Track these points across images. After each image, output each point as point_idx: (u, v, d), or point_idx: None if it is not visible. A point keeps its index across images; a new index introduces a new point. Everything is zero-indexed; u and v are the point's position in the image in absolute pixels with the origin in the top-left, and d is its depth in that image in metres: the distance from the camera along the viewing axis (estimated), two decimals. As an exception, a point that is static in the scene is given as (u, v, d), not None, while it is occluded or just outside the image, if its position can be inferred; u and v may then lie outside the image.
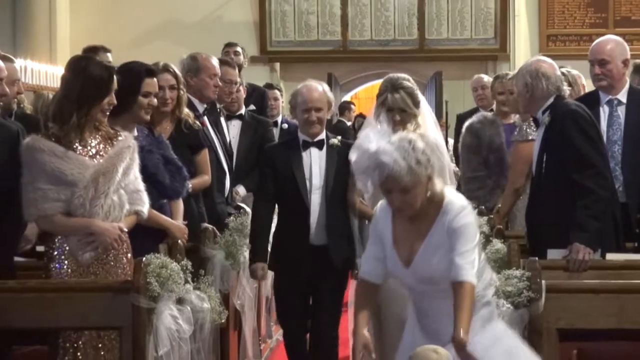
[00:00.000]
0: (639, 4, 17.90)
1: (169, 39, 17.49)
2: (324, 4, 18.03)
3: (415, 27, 18.00)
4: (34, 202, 5.27)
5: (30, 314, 5.02)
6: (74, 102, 5.32)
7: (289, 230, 6.51)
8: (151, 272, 4.98)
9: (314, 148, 6.54)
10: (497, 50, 17.94)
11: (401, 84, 6.32)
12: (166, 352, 5.10)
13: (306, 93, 6.49)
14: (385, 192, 4.62)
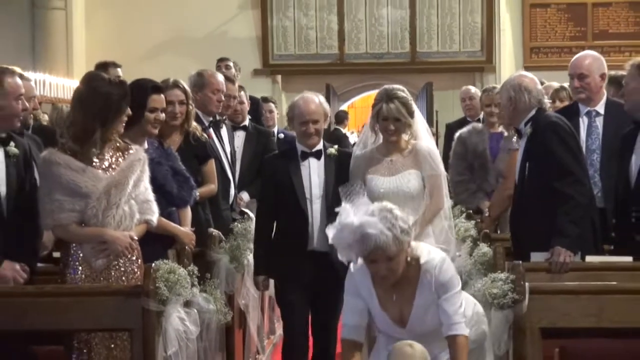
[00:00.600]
0: (615, 18, 17.94)
1: (178, 53, 17.50)
2: (322, 20, 18.03)
3: (407, 41, 18.00)
4: (50, 212, 5.27)
5: (47, 316, 5.01)
6: (96, 122, 5.31)
7: (291, 238, 6.30)
8: (160, 277, 4.97)
9: (312, 158, 6.33)
10: (483, 62, 17.92)
11: (396, 94, 6.14)
12: (174, 352, 5.09)
13: (303, 105, 6.29)
14: (369, 262, 4.58)
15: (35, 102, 6.75)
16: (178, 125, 6.60)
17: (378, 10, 18.03)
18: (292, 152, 6.44)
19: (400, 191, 6.00)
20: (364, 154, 6.28)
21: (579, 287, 5.16)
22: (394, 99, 6.08)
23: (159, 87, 6.12)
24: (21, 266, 5.33)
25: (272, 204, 6.40)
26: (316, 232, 6.20)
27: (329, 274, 6.02)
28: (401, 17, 18.00)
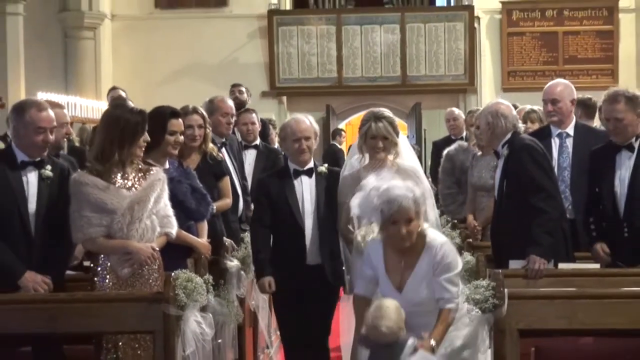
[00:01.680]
0: (583, 45, 17.94)
1: (193, 77, 17.52)
2: (322, 47, 18.04)
3: (398, 66, 17.99)
4: (80, 227, 5.27)
5: (78, 320, 5.01)
6: (115, 144, 5.33)
7: (286, 252, 6.07)
8: (179, 285, 4.97)
9: (304, 176, 6.12)
10: (466, 85, 17.93)
11: (383, 114, 6.00)
12: (192, 351, 5.10)
13: (295, 125, 6.11)
14: (391, 224, 4.73)
15: (68, 128, 6.74)
16: (197, 146, 6.61)
17: (372, 39, 18.04)
18: (285, 171, 6.25)
19: None
20: (352, 174, 6.05)
21: (553, 293, 5.16)
22: (382, 119, 5.92)
23: (176, 112, 6.12)
24: (42, 278, 5.29)
25: (267, 220, 6.12)
26: (309, 245, 6.03)
27: (321, 285, 5.97)
28: (392, 45, 18.01)
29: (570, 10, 18.07)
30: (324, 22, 18.27)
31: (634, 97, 6.06)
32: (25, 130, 5.44)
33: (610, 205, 6.01)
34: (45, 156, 5.55)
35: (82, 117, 14.95)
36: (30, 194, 5.42)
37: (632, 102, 5.96)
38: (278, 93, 18.01)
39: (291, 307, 6.09)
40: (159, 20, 18.06)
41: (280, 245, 6.12)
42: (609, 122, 6.05)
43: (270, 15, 18.00)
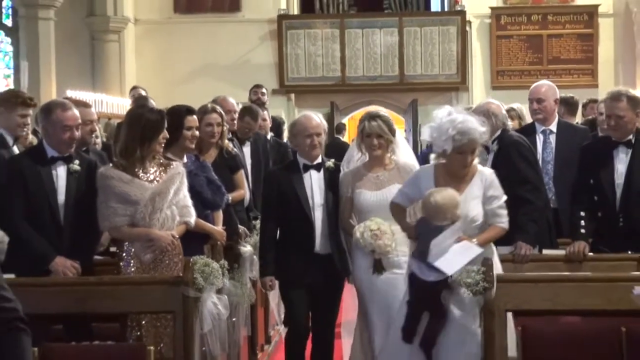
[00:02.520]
0: (566, 47, 17.88)
1: (209, 76, 17.48)
2: (327, 49, 18.00)
3: (396, 65, 17.93)
4: (106, 216, 5.31)
5: (105, 301, 5.05)
6: (137, 141, 5.34)
7: (297, 242, 5.85)
8: (197, 270, 4.97)
9: (313, 170, 5.88)
10: (458, 83, 17.86)
11: (377, 113, 5.85)
12: (209, 330, 5.14)
13: (306, 121, 5.90)
14: (458, 153, 5.05)
15: (93, 125, 6.73)
16: (215, 142, 6.62)
17: (372, 41, 18.00)
18: (294, 165, 6.00)
19: (386, 204, 5.53)
20: (352, 170, 5.87)
21: (538, 277, 5.16)
22: (376, 118, 5.72)
23: (192, 109, 6.11)
24: (71, 263, 5.33)
25: (276, 212, 5.94)
26: (318, 236, 5.82)
27: (330, 275, 5.82)
28: (391, 46, 17.95)
29: (554, 15, 18.03)
30: (329, 26, 18.21)
31: (635, 97, 6.08)
32: (53, 128, 5.47)
33: (607, 196, 5.97)
34: (73, 151, 5.58)
35: (108, 112, 14.96)
36: (60, 187, 5.46)
37: (633, 102, 5.95)
38: (287, 91, 17.98)
39: (300, 295, 5.89)
40: (177, 24, 18.03)
41: (291, 236, 5.91)
42: (610, 118, 5.99)
43: (280, 19, 17.96)
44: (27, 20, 15.23)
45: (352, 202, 5.73)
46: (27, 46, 15.32)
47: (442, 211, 4.99)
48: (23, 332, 2.56)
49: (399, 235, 5.50)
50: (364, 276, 5.65)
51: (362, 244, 5.46)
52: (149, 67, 17.77)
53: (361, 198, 5.67)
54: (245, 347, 6.65)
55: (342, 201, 5.80)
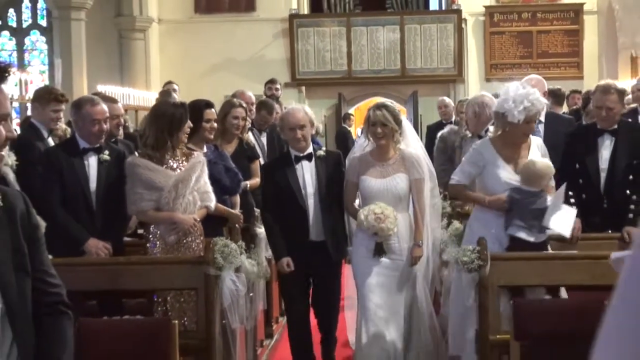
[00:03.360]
0: (554, 42, 17.85)
1: (227, 71, 17.49)
2: (334, 45, 17.98)
3: (398, 60, 17.92)
4: (134, 202, 5.33)
5: (134, 279, 5.06)
6: (165, 134, 5.35)
7: (292, 230, 5.58)
8: (217, 250, 4.97)
9: (304, 161, 5.62)
10: (455, 76, 17.83)
11: (383, 103, 5.55)
12: (228, 305, 5.13)
13: (290, 116, 5.64)
14: (526, 123, 5.11)
15: (119, 119, 6.74)
16: (238, 133, 6.63)
17: (376, 37, 17.97)
18: (287, 157, 5.73)
19: (390, 192, 5.35)
20: (360, 156, 5.56)
21: (528, 255, 5.10)
22: (382, 107, 5.43)
23: (210, 103, 6.13)
24: (103, 244, 5.37)
25: (274, 201, 5.68)
26: (312, 223, 5.58)
27: (325, 260, 5.57)
28: (393, 42, 17.93)
29: (543, 13, 17.97)
30: (336, 24, 18.18)
31: (622, 89, 6.11)
32: (83, 122, 5.51)
33: (592, 180, 5.94)
34: (103, 142, 5.60)
35: (135, 105, 15.04)
36: (91, 175, 5.49)
37: (621, 94, 5.94)
38: (298, 84, 17.95)
39: (297, 282, 5.69)
40: (198, 23, 18.01)
41: (286, 224, 5.61)
42: (600, 109, 5.93)
43: (291, 18, 17.93)
44: (60, 20, 15.24)
45: (357, 187, 5.51)
46: (61, 45, 15.34)
47: (541, 177, 5.12)
48: (65, 315, 2.54)
49: (402, 225, 5.37)
50: (362, 258, 5.44)
51: (365, 226, 5.24)
52: (172, 63, 17.77)
53: (366, 184, 5.43)
54: (261, 319, 6.66)
55: (347, 185, 5.58)
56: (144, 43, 17.50)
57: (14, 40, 19.73)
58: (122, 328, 4.43)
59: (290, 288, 5.79)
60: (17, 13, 19.72)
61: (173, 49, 18.02)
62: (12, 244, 2.40)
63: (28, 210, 2.49)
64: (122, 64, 17.44)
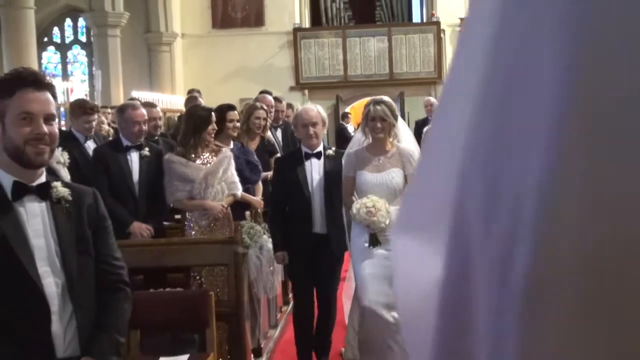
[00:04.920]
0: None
1: (241, 77, 17.50)
2: (332, 53, 17.98)
3: (387, 65, 17.93)
4: (171, 193, 5.36)
5: (174, 257, 5.01)
6: (191, 132, 5.37)
7: (298, 223, 5.15)
8: (244, 231, 5.02)
9: (314, 158, 5.18)
10: (436, 78, 17.84)
11: (382, 99, 5.01)
12: (254, 277, 5.17)
13: (304, 113, 5.23)
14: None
15: (157, 121, 6.76)
16: (260, 132, 6.66)
17: (367, 47, 17.96)
18: (298, 153, 5.27)
19: (385, 186, 4.84)
20: (356, 152, 5.04)
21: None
22: (380, 103, 4.92)
23: (232, 106, 6.16)
24: (146, 226, 5.39)
25: (283, 195, 5.26)
26: (317, 217, 5.14)
27: (327, 251, 5.13)
28: (382, 51, 17.94)
29: (510, 23, 17.98)
30: (333, 36, 18.16)
31: None
32: (126, 123, 5.53)
33: None
34: (143, 141, 5.62)
35: (162, 107, 14.95)
36: (134, 169, 5.50)
37: None
38: (301, 87, 17.96)
39: (303, 270, 5.25)
40: (215, 37, 17.99)
41: (293, 217, 5.20)
42: None
43: (295, 31, 17.91)
44: (98, 37, 15.23)
45: (354, 182, 4.99)
46: (99, 57, 15.33)
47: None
48: (123, 291, 2.57)
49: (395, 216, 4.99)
50: (359, 249, 4.90)
51: (357, 219, 4.75)
52: (194, 71, 17.76)
53: (363, 179, 4.91)
54: (280, 289, 6.68)
55: (345, 180, 5.03)
56: (169, 55, 17.49)
57: (58, 54, 19.71)
58: (166, 299, 4.43)
59: (298, 276, 5.36)
60: (61, 31, 19.69)
61: (194, 59, 18.01)
62: (77, 232, 2.44)
63: (96, 203, 2.52)
64: (151, 72, 17.43)
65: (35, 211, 2.38)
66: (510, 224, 0.66)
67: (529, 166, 0.65)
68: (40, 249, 2.34)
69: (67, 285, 2.36)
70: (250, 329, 5.22)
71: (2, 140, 2.37)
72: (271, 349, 5.91)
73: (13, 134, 2.35)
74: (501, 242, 0.67)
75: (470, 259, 0.72)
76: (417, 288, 0.82)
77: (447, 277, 0.76)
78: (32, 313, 2.30)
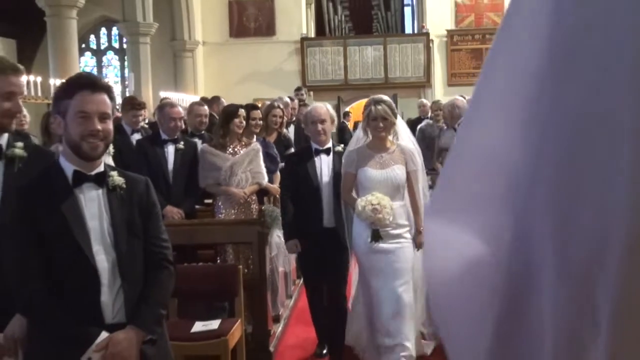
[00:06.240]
0: (499, 56, 17.83)
1: (254, 80, 17.43)
2: (334, 60, 17.90)
3: (382, 70, 17.84)
4: (202, 178, 5.41)
5: (205, 235, 5.06)
6: (220, 127, 5.40)
7: (307, 216, 4.76)
8: (267, 214, 5.04)
9: (323, 154, 4.81)
10: (425, 82, 17.75)
11: (381, 98, 4.58)
12: (275, 254, 5.21)
13: (313, 111, 4.86)
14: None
15: (202, 118, 6.58)
16: (277, 128, 6.68)
17: (365, 54, 17.91)
18: (308, 150, 4.91)
19: (390, 181, 4.45)
20: (358, 149, 4.59)
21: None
22: (381, 102, 4.51)
23: (255, 106, 6.18)
24: (177, 210, 5.40)
25: (292, 190, 4.86)
26: (325, 211, 4.77)
27: (335, 244, 4.73)
28: (378, 57, 17.84)
29: (490, 34, 17.80)
30: (335, 44, 18.08)
31: None
32: (164, 119, 5.55)
33: None
34: (180, 135, 5.64)
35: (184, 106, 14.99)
36: (169, 160, 5.53)
37: None
38: (307, 89, 17.80)
39: (312, 262, 4.86)
40: (232, 45, 17.91)
41: (303, 211, 4.82)
42: None
43: (302, 40, 17.84)
44: (130, 44, 15.18)
45: (354, 178, 4.56)
46: (132, 62, 15.29)
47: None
48: (166, 269, 2.56)
49: (399, 212, 4.47)
50: (362, 244, 4.48)
51: (363, 217, 4.34)
52: (213, 74, 17.71)
53: (367, 175, 4.48)
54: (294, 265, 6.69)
55: (345, 176, 4.61)
56: (192, 60, 17.42)
57: (94, 59, 19.68)
58: (199, 272, 4.47)
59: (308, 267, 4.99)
60: (97, 38, 19.66)
61: (213, 64, 17.96)
62: (127, 216, 2.46)
63: (148, 192, 2.56)
64: (176, 75, 17.35)
65: (92, 196, 2.42)
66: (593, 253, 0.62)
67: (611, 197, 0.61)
68: (95, 230, 2.38)
69: (116, 262, 2.40)
70: (270, 298, 5.28)
71: (64, 135, 2.42)
72: (287, 315, 5.97)
73: (72, 130, 2.40)
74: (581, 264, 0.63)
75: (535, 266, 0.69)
76: (453, 267, 0.79)
77: (507, 270, 0.75)
78: (85, 284, 2.35)
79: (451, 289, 0.79)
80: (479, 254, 0.73)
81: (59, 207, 2.33)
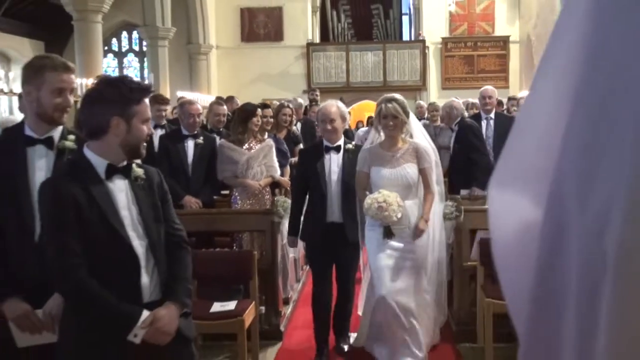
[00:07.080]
0: (489, 62, 17.74)
1: (264, 82, 17.45)
2: (337, 64, 17.88)
3: (381, 74, 17.84)
4: (220, 171, 5.38)
5: (222, 224, 5.10)
6: (239, 123, 5.39)
7: (316, 212, 4.44)
8: (279, 205, 5.02)
9: (333, 152, 4.46)
10: (421, 86, 17.75)
11: (393, 97, 4.29)
12: (285, 242, 5.19)
13: (324, 109, 4.48)
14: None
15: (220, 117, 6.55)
16: (286, 126, 6.67)
17: (366, 59, 17.88)
18: (320, 147, 4.54)
19: (401, 180, 4.19)
20: (370, 148, 4.32)
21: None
22: (392, 101, 4.23)
23: (267, 105, 6.17)
24: (195, 200, 5.38)
25: (304, 184, 4.54)
26: (334, 207, 4.42)
27: (342, 239, 4.39)
28: (378, 63, 17.84)
29: (481, 42, 17.87)
30: (338, 50, 18.07)
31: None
32: (184, 116, 5.54)
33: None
34: (199, 131, 5.62)
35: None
36: (189, 154, 5.50)
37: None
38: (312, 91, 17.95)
39: (320, 256, 4.50)
40: (243, 49, 17.90)
41: (312, 206, 4.52)
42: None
43: (308, 45, 17.82)
44: (150, 47, 15.15)
45: (368, 177, 4.29)
46: (151, 64, 15.28)
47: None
48: (185, 249, 2.59)
49: (412, 210, 4.23)
50: (374, 241, 4.21)
51: (370, 214, 4.08)
52: (225, 76, 17.70)
53: (380, 173, 4.23)
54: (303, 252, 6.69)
55: (358, 175, 4.33)
56: (206, 62, 17.39)
57: (116, 61, 19.65)
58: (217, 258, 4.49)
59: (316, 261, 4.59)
60: (118, 41, 19.62)
61: (226, 66, 17.95)
62: (151, 203, 2.48)
63: (161, 180, 2.59)
64: (191, 76, 17.32)
65: (121, 187, 2.43)
66: (604, 208, 0.67)
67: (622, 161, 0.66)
68: (126, 217, 2.40)
69: (149, 245, 2.42)
70: (281, 282, 5.29)
71: (125, 136, 2.40)
72: (296, 298, 5.99)
73: (139, 133, 2.42)
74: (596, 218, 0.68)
75: (565, 222, 0.74)
76: (514, 227, 0.85)
77: (542, 231, 0.80)
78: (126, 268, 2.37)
79: (511, 245, 0.87)
80: (534, 216, 0.80)
81: (94, 197, 2.34)
